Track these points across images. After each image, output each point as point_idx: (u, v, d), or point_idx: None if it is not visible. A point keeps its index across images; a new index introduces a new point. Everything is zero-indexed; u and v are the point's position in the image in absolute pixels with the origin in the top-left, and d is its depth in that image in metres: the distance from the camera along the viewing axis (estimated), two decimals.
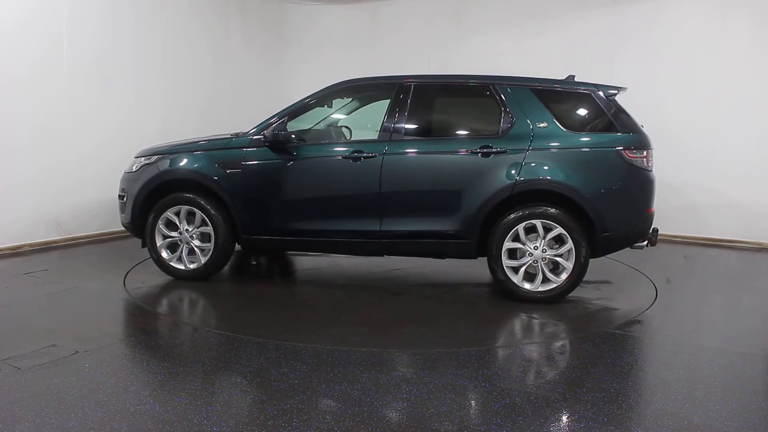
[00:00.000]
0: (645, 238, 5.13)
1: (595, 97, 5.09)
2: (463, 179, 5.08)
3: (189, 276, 5.52)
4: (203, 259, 5.49)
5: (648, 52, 7.79)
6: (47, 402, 3.15)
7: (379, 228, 5.21)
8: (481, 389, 3.43)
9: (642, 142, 5.01)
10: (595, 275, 5.81)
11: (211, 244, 5.45)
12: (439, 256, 5.42)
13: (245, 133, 5.54)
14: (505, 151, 5.01)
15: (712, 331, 4.74)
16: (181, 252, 5.53)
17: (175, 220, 5.50)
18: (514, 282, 5.00)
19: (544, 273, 4.97)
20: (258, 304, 5.10)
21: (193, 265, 5.52)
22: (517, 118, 5.08)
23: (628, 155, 4.93)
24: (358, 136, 6.17)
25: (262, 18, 9.58)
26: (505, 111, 5.11)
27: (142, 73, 7.68)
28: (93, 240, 7.22)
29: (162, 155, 5.61)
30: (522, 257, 5.01)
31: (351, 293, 5.38)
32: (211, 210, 5.40)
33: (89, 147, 7.13)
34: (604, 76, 6.25)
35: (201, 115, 8.39)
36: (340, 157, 5.29)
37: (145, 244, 5.59)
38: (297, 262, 6.58)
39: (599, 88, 5.12)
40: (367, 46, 9.44)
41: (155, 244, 5.53)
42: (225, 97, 8.88)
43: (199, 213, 5.44)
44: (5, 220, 6.43)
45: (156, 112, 7.87)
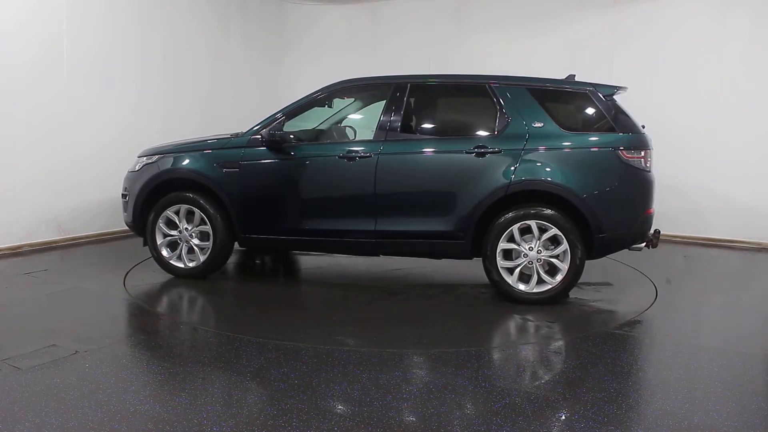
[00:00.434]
0: (643, 240, 5.08)
1: (593, 96, 5.05)
2: (457, 179, 5.06)
3: (188, 274, 5.56)
4: (202, 258, 5.53)
5: (648, 52, 7.79)
6: (47, 402, 3.15)
7: (374, 228, 5.20)
8: (481, 389, 3.43)
9: (640, 142, 4.96)
10: (594, 275, 5.81)
11: (209, 243, 5.49)
12: (434, 256, 5.41)
13: (244, 132, 5.57)
14: (499, 151, 4.97)
15: (712, 331, 4.74)
16: (181, 250, 5.58)
17: (175, 219, 5.56)
18: (508, 283, 4.97)
19: (539, 274, 4.93)
20: (257, 304, 5.11)
21: (192, 264, 5.57)
22: (512, 117, 5.05)
23: (625, 155, 4.88)
24: (362, 136, 6.18)
25: (262, 18, 9.58)
26: (501, 111, 5.09)
27: (142, 73, 7.68)
28: (93, 240, 7.22)
29: (163, 155, 5.67)
30: (517, 258, 4.97)
31: (349, 293, 5.38)
32: (210, 209, 5.44)
33: (89, 147, 7.13)
34: (604, 76, 6.24)
35: (201, 115, 8.39)
36: (335, 156, 5.28)
37: (147, 242, 5.63)
38: (299, 262, 6.58)
39: (597, 88, 5.08)
40: (367, 46, 9.44)
41: (155, 243, 5.59)
42: (225, 97, 8.88)
43: (198, 212, 5.49)
44: (5, 220, 6.43)
45: (156, 112, 7.87)
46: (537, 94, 5.10)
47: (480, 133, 5.25)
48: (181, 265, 5.58)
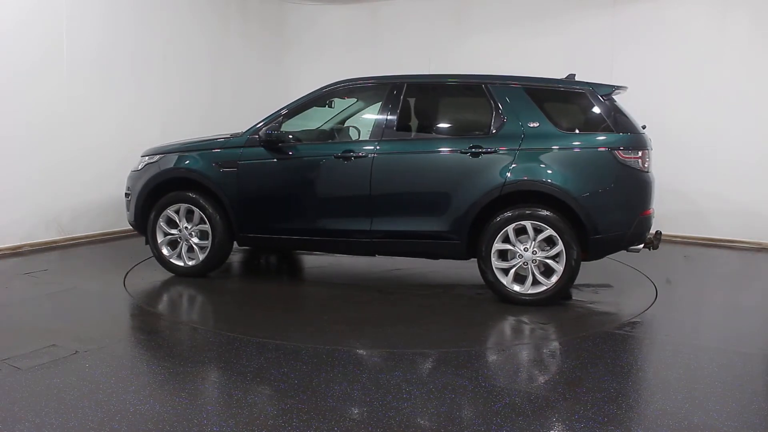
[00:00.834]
0: (641, 242, 5.02)
1: (590, 96, 5.00)
2: (452, 179, 5.03)
3: (187, 272, 5.61)
4: (201, 256, 5.57)
5: (648, 52, 7.79)
6: (47, 402, 3.15)
7: (369, 228, 5.19)
8: (481, 389, 3.43)
9: (637, 143, 4.90)
10: (594, 276, 5.81)
11: (209, 242, 5.52)
12: (430, 256, 5.39)
13: (243, 132, 5.59)
14: (494, 151, 4.94)
15: (712, 331, 4.74)
16: (181, 249, 5.63)
17: (175, 218, 5.61)
18: (503, 283, 4.93)
19: (534, 275, 4.88)
20: (257, 304, 5.11)
21: (192, 262, 5.62)
22: (508, 117, 5.01)
23: (621, 156, 4.82)
24: (366, 136, 6.16)
25: (262, 18, 9.58)
26: (497, 110, 5.05)
27: (142, 73, 7.68)
28: (93, 240, 7.22)
29: (164, 154, 5.72)
30: (512, 259, 4.93)
31: (348, 293, 5.37)
32: (209, 208, 5.48)
33: (89, 147, 7.13)
34: (604, 76, 6.24)
35: (201, 115, 8.38)
36: (332, 156, 5.28)
37: (148, 241, 5.69)
38: (301, 261, 6.58)
39: (594, 88, 5.03)
40: (367, 46, 9.44)
41: (156, 241, 5.63)
42: (225, 97, 8.88)
43: (197, 211, 5.53)
44: (5, 220, 6.43)
45: (156, 112, 7.87)
46: (533, 93, 5.06)
47: (475, 133, 5.23)
48: (180, 263, 5.63)
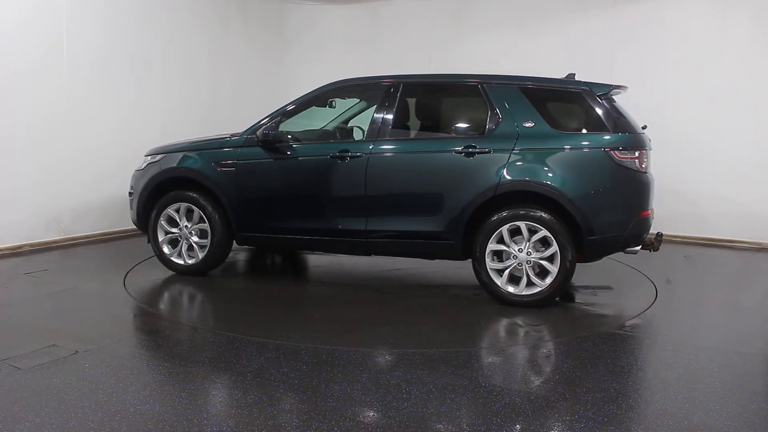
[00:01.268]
0: (638, 243, 4.96)
1: (586, 96, 4.94)
2: (446, 179, 5.01)
3: (187, 271, 5.65)
4: (200, 255, 5.61)
5: (648, 52, 7.79)
6: (47, 402, 3.15)
7: (364, 227, 5.19)
8: (481, 389, 3.43)
9: (633, 143, 4.83)
10: (594, 276, 5.81)
11: (208, 241, 5.56)
12: (426, 256, 5.38)
13: (242, 132, 5.60)
14: (489, 151, 4.91)
15: (712, 331, 4.74)
16: (181, 247, 5.67)
17: (176, 217, 5.66)
18: (497, 284, 4.89)
19: (528, 276, 4.84)
20: (258, 303, 5.11)
21: (191, 261, 5.66)
22: (503, 117, 4.98)
23: (617, 156, 4.76)
24: None
25: (262, 18, 9.58)
26: (492, 110, 5.02)
27: (142, 73, 7.67)
28: (93, 240, 7.22)
29: (165, 154, 5.77)
30: (507, 260, 4.90)
31: (347, 292, 5.39)
32: (208, 207, 5.52)
33: (89, 147, 7.13)
34: (604, 76, 6.22)
35: (201, 115, 8.38)
36: (327, 156, 5.28)
37: (150, 239, 5.76)
38: (306, 260, 6.59)
39: (591, 87, 4.97)
40: (367, 46, 9.44)
41: (157, 239, 5.69)
42: (225, 97, 8.88)
43: (197, 210, 5.58)
44: (5, 220, 6.43)
45: (156, 112, 7.87)
46: (529, 93, 5.02)
47: (470, 132, 5.23)
48: (181, 261, 5.68)
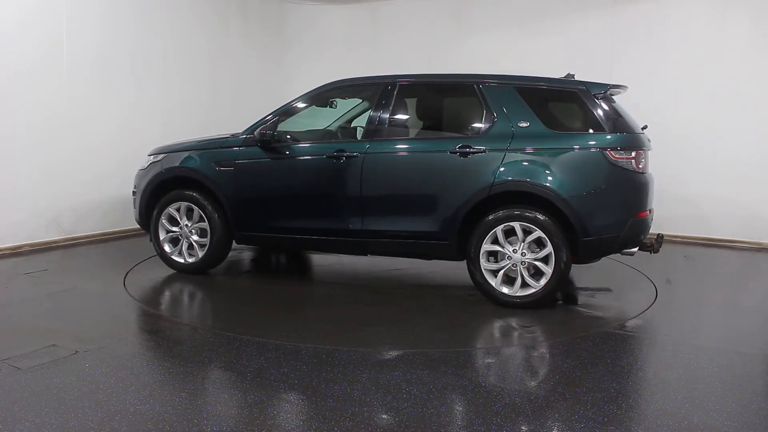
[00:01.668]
0: (635, 244, 4.91)
1: (582, 95, 4.89)
2: (440, 179, 5.00)
3: (188, 269, 5.71)
4: (200, 254, 5.65)
5: (648, 52, 7.79)
6: (47, 402, 3.16)
7: (360, 227, 5.20)
8: (481, 389, 3.43)
9: (630, 142, 4.78)
10: (594, 276, 5.81)
11: (208, 240, 5.59)
12: (421, 256, 5.37)
13: (241, 132, 5.62)
14: (484, 151, 4.89)
15: (712, 331, 4.73)
16: (182, 246, 5.72)
17: (177, 216, 5.70)
18: (491, 285, 4.86)
19: (523, 277, 4.81)
20: (258, 303, 5.11)
21: (191, 259, 5.70)
22: (498, 117, 4.95)
23: (613, 156, 4.71)
24: None
25: (262, 18, 9.58)
26: (487, 110, 5.00)
27: (142, 73, 7.67)
28: (93, 240, 7.22)
29: (167, 153, 5.81)
30: (501, 260, 4.87)
31: (346, 292, 5.39)
32: (208, 207, 5.56)
33: (89, 147, 7.13)
34: (604, 76, 6.21)
35: (201, 115, 8.38)
36: (324, 156, 5.29)
37: (152, 238, 5.81)
38: (309, 260, 6.60)
39: (588, 87, 4.92)
40: (367, 46, 9.44)
41: (158, 238, 5.74)
42: (225, 97, 8.88)
43: (196, 209, 5.62)
44: (5, 220, 6.43)
45: (156, 112, 7.87)
46: (525, 93, 4.99)
47: (465, 132, 5.22)
48: (181, 260, 5.73)
